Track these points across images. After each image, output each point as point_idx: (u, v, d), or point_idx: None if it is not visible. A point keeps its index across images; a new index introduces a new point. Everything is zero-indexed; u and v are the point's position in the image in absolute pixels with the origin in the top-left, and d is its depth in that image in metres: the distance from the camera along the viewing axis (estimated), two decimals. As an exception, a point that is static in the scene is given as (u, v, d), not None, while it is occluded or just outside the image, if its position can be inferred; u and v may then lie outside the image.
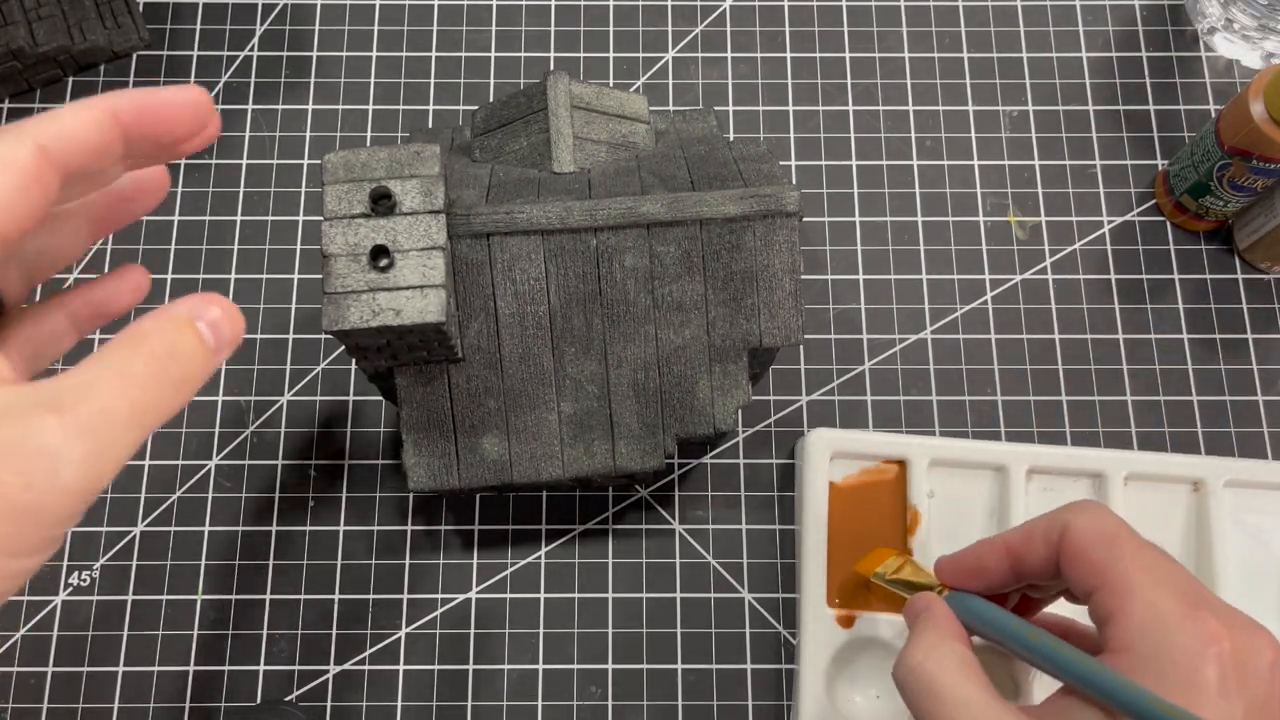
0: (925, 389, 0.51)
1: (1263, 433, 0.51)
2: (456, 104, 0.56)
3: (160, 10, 0.57)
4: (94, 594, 0.48)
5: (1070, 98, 0.56)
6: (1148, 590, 0.29)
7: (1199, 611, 0.28)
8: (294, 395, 0.51)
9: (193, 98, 0.26)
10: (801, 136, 0.55)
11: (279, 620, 0.48)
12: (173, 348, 0.24)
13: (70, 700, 0.46)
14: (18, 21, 0.53)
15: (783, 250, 0.40)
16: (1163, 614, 0.29)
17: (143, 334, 0.23)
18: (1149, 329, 0.52)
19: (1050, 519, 0.33)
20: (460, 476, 0.41)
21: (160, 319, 0.24)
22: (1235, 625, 0.29)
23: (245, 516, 0.49)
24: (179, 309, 0.25)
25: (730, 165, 0.42)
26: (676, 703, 0.47)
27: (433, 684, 0.47)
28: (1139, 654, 0.29)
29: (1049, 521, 0.33)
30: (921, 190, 0.55)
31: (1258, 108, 0.46)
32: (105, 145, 0.24)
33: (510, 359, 0.40)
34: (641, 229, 0.39)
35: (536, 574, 0.48)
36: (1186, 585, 0.30)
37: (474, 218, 0.39)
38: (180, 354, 0.24)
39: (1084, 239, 0.54)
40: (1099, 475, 0.47)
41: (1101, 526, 0.32)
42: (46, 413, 0.21)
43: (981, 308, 0.53)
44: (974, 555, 0.35)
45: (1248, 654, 0.28)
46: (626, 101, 0.45)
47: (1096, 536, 0.31)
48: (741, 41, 0.57)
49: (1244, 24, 0.55)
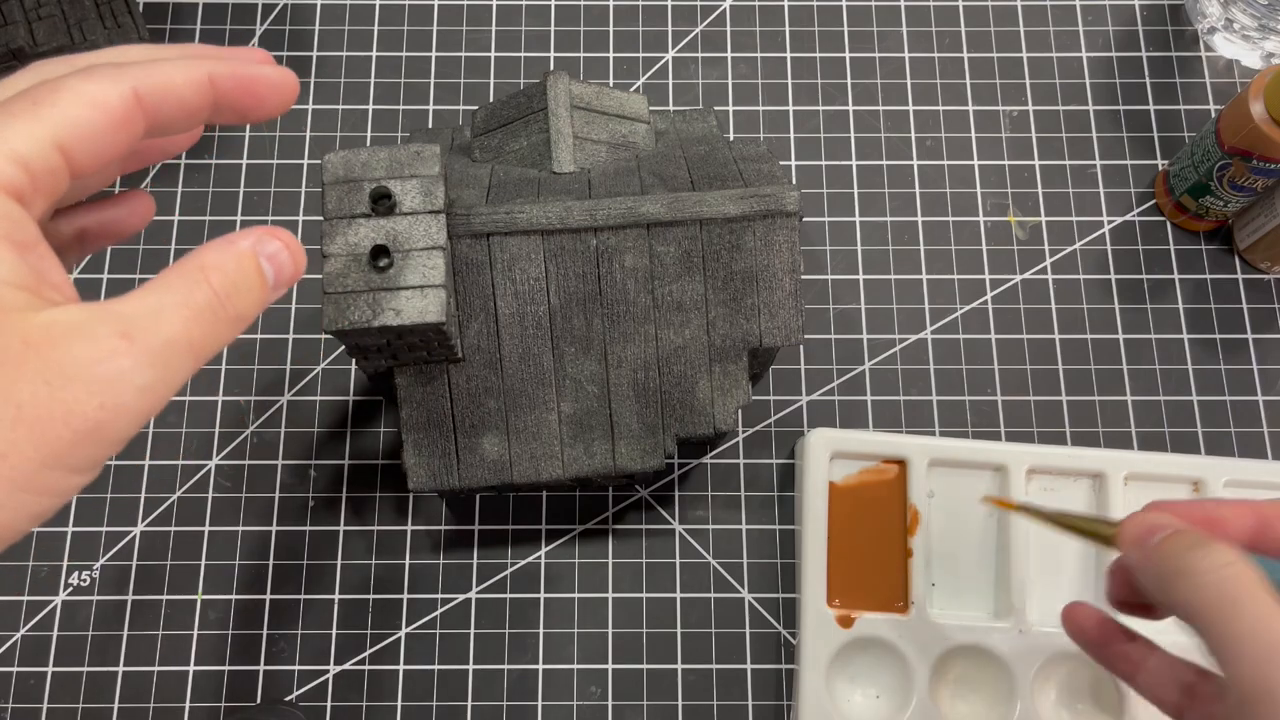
0: (925, 389, 0.51)
1: (1263, 433, 0.51)
2: (456, 104, 0.56)
3: (160, 10, 0.57)
4: (94, 594, 0.48)
5: (1070, 98, 0.56)
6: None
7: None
8: (294, 395, 0.51)
9: (284, 78, 0.26)
10: (801, 136, 0.55)
11: (279, 620, 0.48)
12: (234, 284, 0.24)
13: (70, 700, 0.46)
14: (18, 21, 0.53)
15: (783, 250, 0.40)
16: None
17: (207, 266, 0.24)
18: (1149, 329, 0.52)
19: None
20: (460, 476, 0.41)
21: (225, 252, 0.24)
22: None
23: (245, 516, 0.49)
24: (244, 242, 0.25)
25: (730, 165, 0.42)
26: (676, 703, 0.47)
27: (433, 684, 0.47)
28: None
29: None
30: (921, 190, 0.55)
31: (1258, 108, 0.46)
32: (197, 108, 0.25)
33: (510, 359, 0.40)
34: (641, 229, 0.39)
35: (536, 574, 0.48)
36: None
37: (474, 218, 0.38)
38: (240, 289, 0.24)
39: (1084, 239, 0.54)
40: (1099, 475, 0.47)
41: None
42: (118, 337, 0.21)
43: (981, 308, 0.53)
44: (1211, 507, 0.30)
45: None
46: (626, 101, 0.45)
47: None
48: (741, 41, 0.57)
49: (1244, 24, 0.55)
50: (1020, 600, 0.45)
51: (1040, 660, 0.44)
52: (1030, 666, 0.44)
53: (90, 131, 0.22)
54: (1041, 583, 0.47)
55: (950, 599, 0.47)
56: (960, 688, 0.46)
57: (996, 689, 0.45)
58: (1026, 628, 0.45)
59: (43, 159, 0.22)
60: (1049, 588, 0.47)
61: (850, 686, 0.46)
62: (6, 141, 0.21)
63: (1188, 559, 0.28)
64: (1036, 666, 0.44)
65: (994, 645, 0.45)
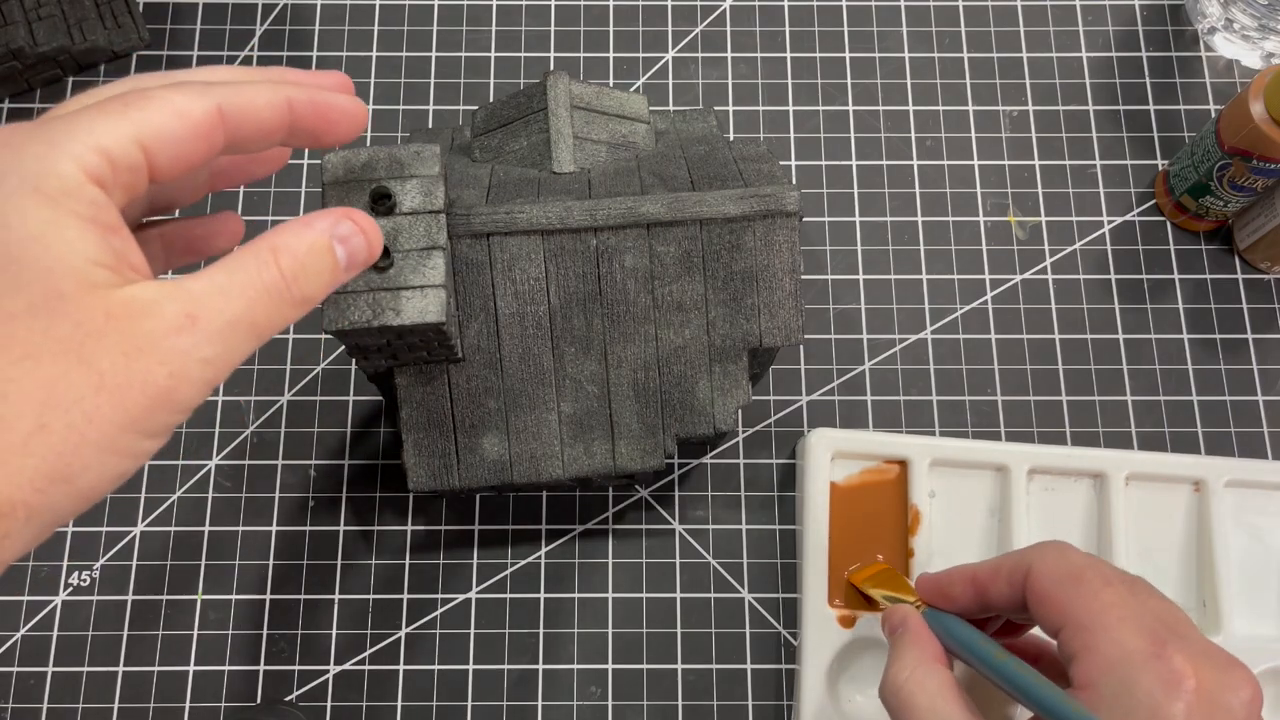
0: (925, 389, 0.51)
1: (1263, 433, 0.51)
2: (456, 104, 0.56)
3: (160, 10, 0.57)
4: (94, 594, 0.48)
5: (1070, 98, 0.56)
6: (1112, 629, 0.29)
7: (1165, 650, 0.28)
8: (294, 395, 0.51)
9: (356, 107, 0.28)
10: (801, 136, 0.55)
11: (279, 620, 0.48)
12: (303, 266, 0.25)
13: (70, 700, 0.46)
14: (18, 21, 0.53)
15: (783, 250, 0.40)
16: (1128, 653, 0.29)
17: (277, 248, 0.25)
18: (1149, 329, 0.52)
19: (1016, 559, 0.33)
20: (460, 476, 0.41)
21: (297, 234, 0.26)
22: (1208, 663, 0.28)
23: (245, 516, 0.49)
24: (319, 224, 0.26)
25: (730, 165, 0.42)
26: (676, 703, 0.47)
27: (433, 684, 0.47)
28: (1103, 693, 0.29)
29: (1015, 561, 0.33)
30: (921, 190, 0.55)
31: (1258, 108, 0.46)
32: (274, 129, 0.26)
33: (510, 359, 0.40)
34: (641, 229, 0.39)
35: (536, 574, 0.48)
36: (1155, 622, 0.29)
37: (474, 218, 0.38)
38: (309, 272, 0.26)
39: (1084, 239, 0.54)
40: (1100, 475, 0.47)
41: (1066, 566, 0.32)
42: (184, 315, 0.23)
43: (981, 308, 0.53)
44: (946, 581, 0.36)
45: (1219, 691, 0.28)
46: (626, 101, 0.45)
47: (1061, 576, 0.31)
48: (741, 41, 0.57)
49: (1244, 24, 0.55)
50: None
51: (1040, 660, 0.44)
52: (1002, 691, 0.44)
53: (172, 137, 0.24)
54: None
55: (950, 599, 0.47)
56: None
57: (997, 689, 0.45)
58: (1027, 628, 0.45)
59: (125, 154, 0.23)
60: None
61: (851, 686, 0.46)
62: (94, 134, 0.23)
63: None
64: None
65: (994, 645, 0.45)
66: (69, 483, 0.22)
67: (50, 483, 0.22)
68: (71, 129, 0.23)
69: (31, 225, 0.22)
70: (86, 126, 0.23)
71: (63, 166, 0.23)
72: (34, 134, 0.23)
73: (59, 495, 0.22)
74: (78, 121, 0.23)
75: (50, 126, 0.23)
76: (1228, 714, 0.28)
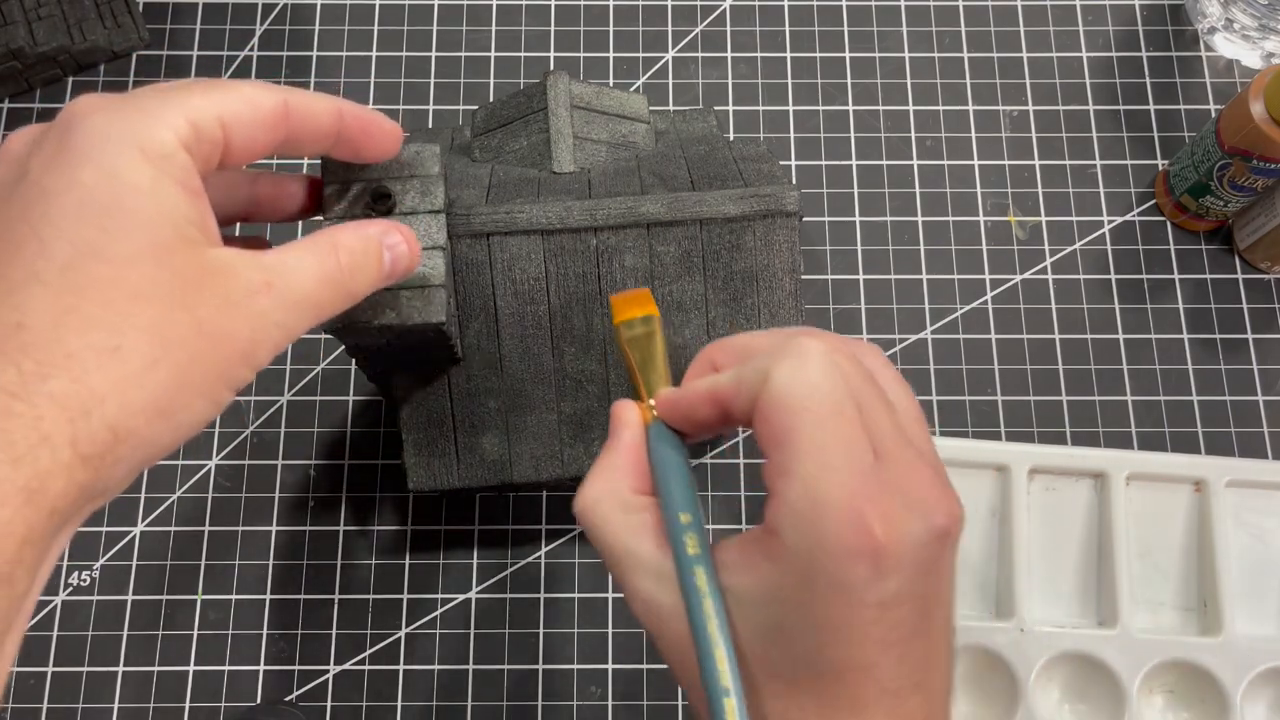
0: (925, 389, 0.51)
1: (1263, 433, 0.51)
2: (456, 104, 0.56)
3: (160, 10, 0.57)
4: (94, 594, 0.48)
5: (1070, 98, 0.56)
6: (810, 473, 0.25)
7: (858, 502, 0.25)
8: (294, 395, 0.51)
9: (394, 129, 0.31)
10: (801, 136, 0.55)
11: (279, 620, 0.48)
12: (358, 263, 0.28)
13: (70, 700, 0.46)
14: (18, 21, 0.53)
15: (783, 250, 0.40)
16: (820, 508, 0.25)
17: (338, 243, 0.28)
18: (1149, 329, 0.52)
19: (757, 368, 0.27)
20: (460, 476, 0.41)
21: (356, 234, 0.29)
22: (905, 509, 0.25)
23: (245, 516, 0.49)
24: (373, 229, 0.30)
25: (730, 165, 0.41)
26: (676, 703, 0.47)
27: (433, 684, 0.47)
28: (786, 544, 0.26)
29: (755, 372, 0.27)
30: (921, 190, 0.55)
31: (1258, 108, 0.46)
32: (327, 133, 0.29)
33: (510, 359, 0.40)
34: (641, 229, 0.39)
35: (536, 574, 0.48)
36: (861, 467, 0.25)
37: (474, 217, 0.38)
38: (361, 270, 0.29)
39: (1084, 239, 0.54)
40: (1101, 475, 0.47)
41: (798, 386, 0.26)
42: (265, 282, 0.26)
43: (981, 308, 0.53)
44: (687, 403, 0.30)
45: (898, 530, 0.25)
46: (626, 101, 0.45)
47: (788, 397, 0.26)
48: (741, 41, 0.57)
49: (1244, 24, 0.55)
50: (1022, 600, 0.45)
51: (1042, 660, 0.44)
52: (1032, 666, 0.44)
53: (246, 121, 0.26)
54: (1043, 583, 0.47)
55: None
56: (961, 688, 0.46)
57: (998, 689, 0.45)
58: (1028, 627, 0.45)
59: (209, 129, 0.26)
60: (1050, 588, 0.47)
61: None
62: (185, 107, 0.25)
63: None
64: (1038, 666, 0.44)
65: (996, 645, 0.45)
66: (169, 418, 0.24)
67: (156, 416, 0.24)
68: (165, 100, 0.25)
69: (138, 179, 0.24)
70: (179, 100, 0.25)
71: (162, 132, 0.25)
72: (128, 102, 0.25)
73: (161, 429, 0.24)
74: (170, 95, 0.25)
75: (142, 98, 0.25)
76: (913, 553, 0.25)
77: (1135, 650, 0.44)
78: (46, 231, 0.23)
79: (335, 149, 0.30)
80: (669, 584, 0.27)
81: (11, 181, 0.25)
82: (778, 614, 0.26)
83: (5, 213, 0.24)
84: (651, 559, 0.28)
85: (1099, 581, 0.46)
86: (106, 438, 0.23)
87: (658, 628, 0.28)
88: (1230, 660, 0.44)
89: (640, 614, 0.28)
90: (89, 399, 0.23)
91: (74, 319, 0.23)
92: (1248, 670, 0.44)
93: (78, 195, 0.24)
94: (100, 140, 0.24)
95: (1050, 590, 0.47)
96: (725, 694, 0.25)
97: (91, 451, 0.23)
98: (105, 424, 0.23)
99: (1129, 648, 0.44)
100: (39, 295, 0.23)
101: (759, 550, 0.27)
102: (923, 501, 0.26)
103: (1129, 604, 0.45)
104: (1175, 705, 0.46)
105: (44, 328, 0.23)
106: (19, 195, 0.24)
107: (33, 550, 0.22)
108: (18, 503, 0.22)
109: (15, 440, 0.22)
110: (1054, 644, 0.44)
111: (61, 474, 0.22)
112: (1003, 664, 0.44)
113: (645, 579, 0.28)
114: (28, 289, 0.23)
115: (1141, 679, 0.44)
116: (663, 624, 0.27)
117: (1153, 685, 0.45)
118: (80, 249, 0.23)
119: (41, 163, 0.24)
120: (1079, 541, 0.47)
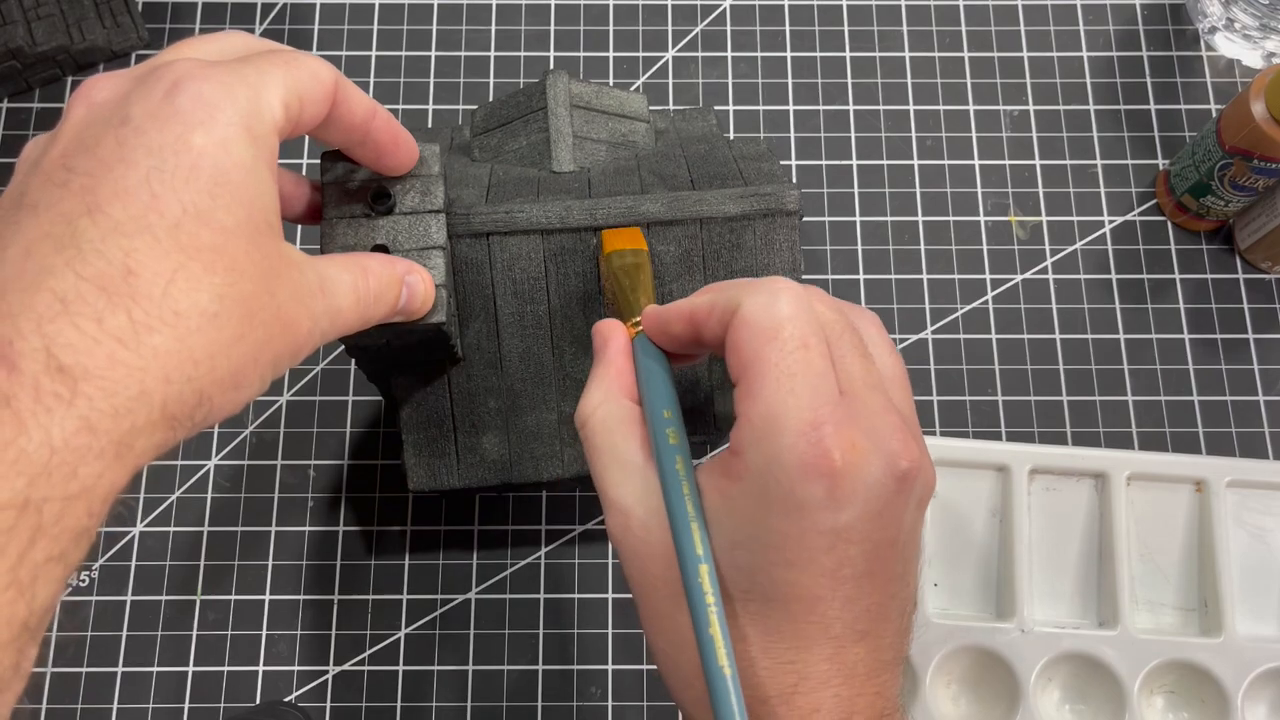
0: (926, 389, 0.51)
1: (1264, 433, 0.51)
2: (456, 104, 0.56)
3: (159, 10, 0.57)
4: (93, 594, 0.48)
5: (1071, 97, 0.56)
6: (773, 397, 0.26)
7: (820, 424, 0.25)
8: (294, 395, 0.51)
9: (414, 148, 0.33)
10: (801, 136, 0.55)
11: (279, 620, 0.48)
12: (380, 292, 0.30)
13: (70, 700, 0.46)
14: (17, 21, 0.53)
15: (783, 249, 0.40)
16: (780, 426, 0.25)
17: (369, 269, 0.29)
18: (1150, 329, 0.52)
19: (730, 296, 0.28)
20: (460, 476, 0.41)
21: (385, 266, 0.30)
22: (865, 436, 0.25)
23: (245, 516, 0.49)
24: (400, 266, 0.31)
25: (730, 164, 0.41)
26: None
27: (433, 684, 0.47)
28: (748, 465, 0.26)
29: (728, 299, 0.28)
30: (922, 190, 0.54)
31: (1259, 107, 0.46)
32: (360, 124, 0.29)
33: (510, 359, 0.40)
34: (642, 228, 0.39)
35: (536, 574, 0.48)
36: (826, 397, 0.26)
37: (474, 217, 0.38)
38: (381, 300, 0.30)
39: (1085, 239, 0.54)
40: (1101, 475, 0.47)
41: (768, 316, 0.27)
42: (321, 289, 0.27)
43: (982, 308, 0.52)
44: (666, 318, 0.31)
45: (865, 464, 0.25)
46: (626, 100, 0.45)
47: (759, 326, 0.27)
48: (741, 41, 0.57)
49: (1245, 23, 0.55)
50: (1022, 600, 0.45)
51: (1042, 660, 0.44)
52: (1032, 667, 0.44)
53: (313, 96, 0.27)
54: (1043, 583, 0.47)
55: (952, 599, 0.47)
56: (962, 688, 0.46)
57: (998, 690, 0.45)
58: (1029, 628, 0.45)
59: (292, 109, 0.26)
60: (1051, 588, 0.47)
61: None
62: (280, 86, 0.26)
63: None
64: (1039, 667, 0.44)
65: (996, 646, 0.44)
66: (238, 391, 0.24)
67: (231, 387, 0.24)
68: (264, 77, 0.26)
69: (243, 156, 0.25)
70: (276, 78, 0.26)
71: (266, 114, 0.25)
72: (234, 75, 0.25)
73: (229, 401, 0.24)
74: (268, 71, 0.26)
75: (246, 71, 0.25)
76: (869, 488, 0.25)
77: (1136, 650, 0.44)
78: (159, 186, 0.23)
79: (358, 148, 0.30)
80: (651, 494, 0.28)
81: (109, 122, 0.24)
82: (734, 530, 0.26)
83: (102, 150, 0.24)
84: (635, 461, 0.29)
85: (1099, 582, 0.46)
86: (192, 401, 0.23)
87: (632, 544, 0.28)
88: (1231, 661, 0.44)
89: (616, 528, 0.28)
90: (186, 361, 0.23)
91: (183, 278, 0.23)
92: (1248, 671, 0.44)
93: (191, 159, 0.24)
94: (211, 108, 0.24)
95: (1051, 590, 0.47)
96: (699, 561, 0.26)
97: (178, 413, 0.23)
98: (195, 388, 0.23)
99: (1129, 648, 0.44)
100: (150, 246, 0.23)
101: (721, 469, 0.27)
102: (886, 441, 0.26)
103: (1129, 604, 0.45)
104: (1176, 706, 0.45)
105: (154, 280, 0.22)
106: (124, 139, 0.24)
107: (107, 508, 0.22)
108: (110, 457, 0.21)
109: (117, 390, 0.21)
110: (1054, 644, 0.44)
111: (146, 432, 0.22)
112: (1003, 664, 0.44)
113: (627, 483, 0.28)
114: (140, 236, 0.23)
115: (1142, 679, 0.44)
116: (636, 539, 0.28)
117: (1153, 686, 0.45)
118: (189, 211, 0.23)
119: (147, 113, 0.24)
120: (1079, 542, 0.47)
